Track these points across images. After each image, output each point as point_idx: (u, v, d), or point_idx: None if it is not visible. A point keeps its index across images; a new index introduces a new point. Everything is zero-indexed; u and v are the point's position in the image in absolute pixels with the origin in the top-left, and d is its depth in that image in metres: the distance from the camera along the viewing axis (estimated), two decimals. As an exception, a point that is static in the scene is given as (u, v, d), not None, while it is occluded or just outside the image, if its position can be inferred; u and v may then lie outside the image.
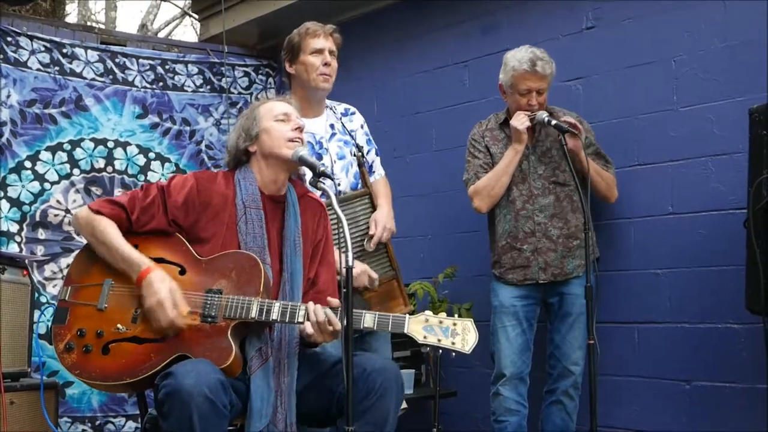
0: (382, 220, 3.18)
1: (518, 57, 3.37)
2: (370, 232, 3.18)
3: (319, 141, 3.19)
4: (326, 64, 3.12)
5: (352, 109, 3.41)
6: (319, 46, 3.13)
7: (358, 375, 2.28)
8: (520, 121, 3.35)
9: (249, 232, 2.51)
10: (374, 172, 3.37)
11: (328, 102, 3.32)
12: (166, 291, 2.36)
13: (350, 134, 3.30)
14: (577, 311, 3.40)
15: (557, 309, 3.46)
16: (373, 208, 3.24)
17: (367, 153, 3.34)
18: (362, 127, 3.38)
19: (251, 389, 2.37)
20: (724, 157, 3.39)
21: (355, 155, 3.26)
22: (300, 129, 2.64)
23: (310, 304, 2.38)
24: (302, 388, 2.49)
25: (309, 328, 2.36)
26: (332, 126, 3.26)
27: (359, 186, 3.26)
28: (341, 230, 2.21)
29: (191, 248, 2.49)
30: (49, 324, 3.97)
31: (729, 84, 3.39)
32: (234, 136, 2.67)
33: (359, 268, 3.04)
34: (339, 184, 3.16)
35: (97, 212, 2.47)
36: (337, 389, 2.42)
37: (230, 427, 2.39)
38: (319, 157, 3.16)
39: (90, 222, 2.47)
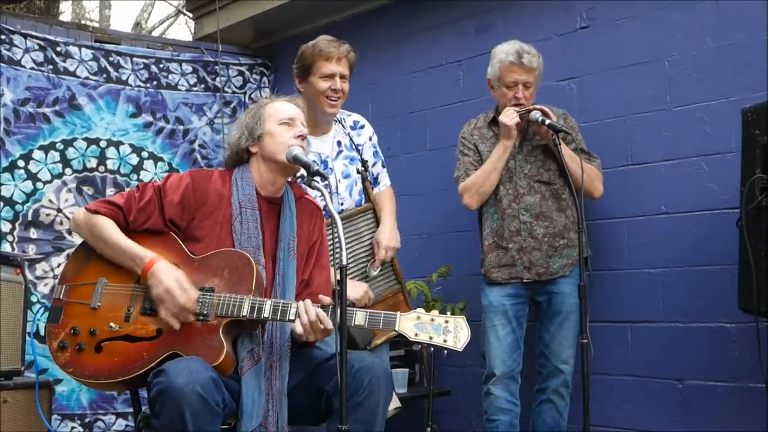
0: (384, 241, 3.17)
1: (505, 49, 3.41)
2: (376, 256, 3.17)
3: (325, 161, 3.16)
4: (334, 90, 3.08)
5: (362, 122, 3.36)
6: (329, 72, 3.08)
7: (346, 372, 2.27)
8: (510, 117, 3.34)
9: (244, 232, 2.51)
10: (379, 183, 3.37)
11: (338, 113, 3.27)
12: (173, 279, 2.36)
13: (357, 149, 3.27)
14: (566, 310, 3.40)
15: (546, 308, 3.46)
16: (377, 222, 3.24)
17: (373, 165, 3.33)
18: (370, 139, 3.35)
19: (242, 390, 2.37)
20: (717, 157, 3.39)
21: (359, 172, 3.24)
22: (302, 137, 2.60)
23: (301, 302, 2.37)
24: (292, 388, 2.48)
25: (299, 327, 2.35)
26: (339, 143, 3.23)
27: (363, 203, 3.25)
28: (335, 229, 2.20)
29: (184, 247, 2.48)
30: (38, 323, 3.97)
31: (722, 84, 3.39)
32: (236, 134, 2.65)
33: (361, 289, 3.01)
34: (342, 204, 3.15)
35: (95, 212, 2.47)
36: (326, 387, 2.43)
37: (224, 426, 2.39)
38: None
39: (88, 222, 2.47)
